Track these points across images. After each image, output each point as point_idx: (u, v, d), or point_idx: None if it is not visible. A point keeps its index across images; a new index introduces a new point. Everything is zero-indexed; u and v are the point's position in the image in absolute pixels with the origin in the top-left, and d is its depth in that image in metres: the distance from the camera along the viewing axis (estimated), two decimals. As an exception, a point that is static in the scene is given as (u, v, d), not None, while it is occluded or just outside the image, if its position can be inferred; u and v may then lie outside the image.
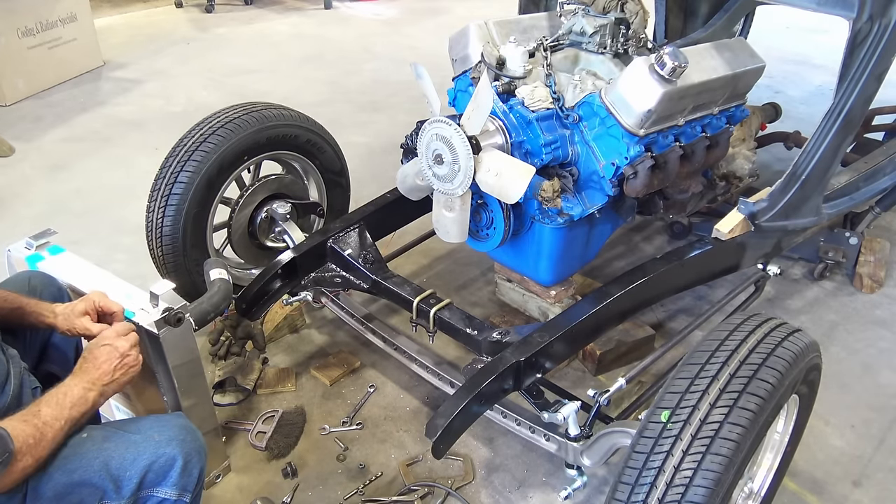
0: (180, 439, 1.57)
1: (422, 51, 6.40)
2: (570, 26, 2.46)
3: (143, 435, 1.56)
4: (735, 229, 2.44)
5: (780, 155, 3.85)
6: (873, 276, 3.17)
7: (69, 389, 1.49)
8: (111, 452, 1.51)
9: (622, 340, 2.64)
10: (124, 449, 1.52)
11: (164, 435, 1.56)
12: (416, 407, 2.53)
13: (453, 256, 3.37)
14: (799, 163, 2.38)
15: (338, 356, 2.72)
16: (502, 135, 2.18)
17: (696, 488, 1.41)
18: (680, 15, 3.82)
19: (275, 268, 2.40)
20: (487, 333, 2.15)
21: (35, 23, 5.12)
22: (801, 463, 2.28)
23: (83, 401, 1.49)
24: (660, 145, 2.22)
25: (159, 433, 1.56)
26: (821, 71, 5.92)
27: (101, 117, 4.90)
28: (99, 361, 1.56)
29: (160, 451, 1.53)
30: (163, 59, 6.12)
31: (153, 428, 1.59)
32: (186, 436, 1.58)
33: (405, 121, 4.76)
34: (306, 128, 2.77)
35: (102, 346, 1.59)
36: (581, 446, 1.91)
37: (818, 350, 1.77)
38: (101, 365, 1.55)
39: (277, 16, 7.55)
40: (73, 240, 3.28)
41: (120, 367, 1.58)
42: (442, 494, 2.18)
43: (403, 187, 2.47)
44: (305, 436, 2.39)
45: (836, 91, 2.26)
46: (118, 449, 1.51)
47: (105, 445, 1.52)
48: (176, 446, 1.55)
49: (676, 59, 2.02)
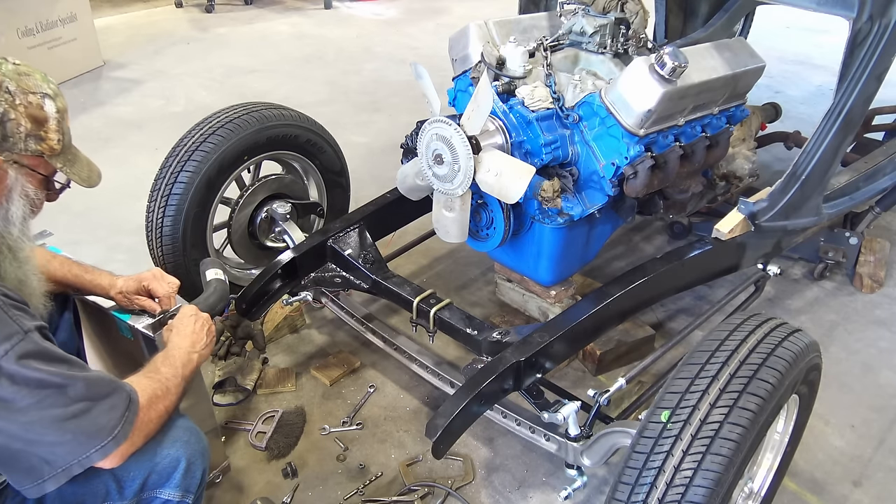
0: (184, 441, 1.57)
1: (422, 51, 6.40)
2: (570, 26, 2.46)
3: None
4: (735, 229, 2.44)
5: (780, 155, 3.85)
6: (873, 276, 3.17)
7: (175, 352, 1.65)
8: None
9: (622, 340, 2.64)
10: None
11: (167, 436, 1.56)
12: (416, 407, 2.53)
13: (453, 256, 3.37)
14: (799, 163, 2.38)
15: (338, 356, 2.72)
16: (502, 135, 2.18)
17: (697, 488, 1.41)
18: (680, 15, 3.82)
19: (275, 268, 2.40)
20: (487, 333, 2.15)
21: (35, 23, 5.12)
22: (801, 463, 2.28)
23: (189, 362, 1.65)
24: (660, 145, 2.22)
25: (163, 434, 1.56)
26: (821, 71, 5.92)
27: (101, 117, 4.89)
28: (188, 331, 1.73)
29: (164, 453, 1.53)
30: (163, 59, 6.12)
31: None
32: (190, 437, 1.58)
33: (405, 121, 4.76)
34: (306, 128, 2.77)
35: (188, 318, 1.76)
36: (581, 446, 1.91)
37: (818, 350, 1.77)
38: (190, 334, 1.72)
39: (277, 16, 7.55)
40: (73, 240, 3.28)
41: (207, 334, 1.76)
42: (442, 494, 2.18)
43: (403, 187, 2.47)
44: (305, 436, 2.39)
45: (836, 91, 2.26)
46: None
47: None
48: (179, 448, 1.55)
49: (676, 58, 2.02)
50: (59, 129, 1.47)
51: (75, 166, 1.55)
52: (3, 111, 1.37)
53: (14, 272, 1.48)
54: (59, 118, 1.47)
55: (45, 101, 1.44)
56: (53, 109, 1.46)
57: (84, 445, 1.34)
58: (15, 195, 1.45)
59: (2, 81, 1.38)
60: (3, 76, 1.39)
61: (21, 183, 1.45)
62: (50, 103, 1.45)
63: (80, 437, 1.34)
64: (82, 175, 1.57)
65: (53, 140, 1.46)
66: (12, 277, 1.46)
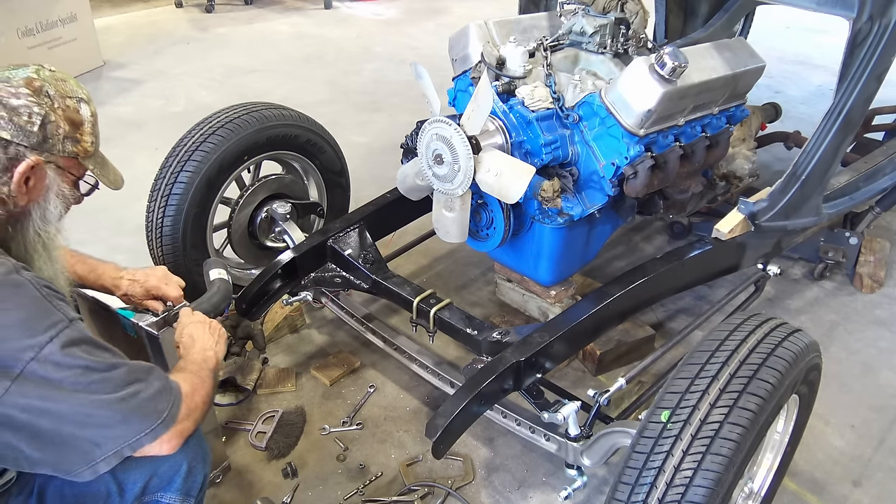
0: (185, 444, 1.56)
1: (422, 51, 6.40)
2: (570, 26, 2.46)
3: None
4: (735, 229, 2.44)
5: (780, 155, 3.85)
6: (873, 276, 3.17)
7: (195, 353, 1.70)
8: None
9: (622, 340, 2.64)
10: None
11: None
12: (416, 407, 2.53)
13: (453, 256, 3.37)
14: (799, 163, 2.38)
15: (338, 356, 2.72)
16: (502, 135, 2.18)
17: (697, 488, 1.41)
18: (680, 15, 3.82)
19: (275, 268, 2.40)
20: (487, 333, 2.15)
21: (35, 23, 5.12)
22: (801, 463, 2.28)
23: (213, 357, 1.71)
24: (660, 145, 2.22)
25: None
26: (821, 71, 5.92)
27: (101, 117, 4.76)
28: (199, 333, 1.77)
29: (165, 457, 1.53)
30: (163, 59, 6.12)
31: None
32: (191, 441, 1.58)
33: (405, 121, 4.76)
34: (306, 128, 2.77)
35: (195, 324, 1.80)
36: (581, 446, 1.91)
37: (818, 350, 1.77)
38: (201, 336, 1.76)
39: (277, 16, 7.55)
40: (74, 239, 3.26)
41: (218, 333, 1.81)
42: (442, 494, 2.18)
43: (403, 187, 2.47)
44: (305, 436, 2.39)
45: (836, 91, 2.26)
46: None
47: None
48: (181, 451, 1.55)
49: (676, 58, 2.02)
50: (92, 132, 1.55)
51: (104, 168, 1.62)
52: (45, 114, 1.42)
53: (47, 270, 1.52)
54: (92, 121, 1.54)
55: (80, 105, 1.51)
56: (88, 113, 1.53)
57: (133, 428, 1.36)
58: (51, 195, 1.50)
59: (42, 86, 1.44)
60: (44, 81, 1.45)
61: (57, 183, 1.50)
62: (85, 107, 1.52)
63: (130, 419, 1.36)
64: (110, 177, 1.64)
65: (88, 142, 1.53)
66: (45, 275, 1.49)
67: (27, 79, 1.43)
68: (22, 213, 1.46)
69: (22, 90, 1.41)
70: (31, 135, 1.41)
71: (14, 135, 1.39)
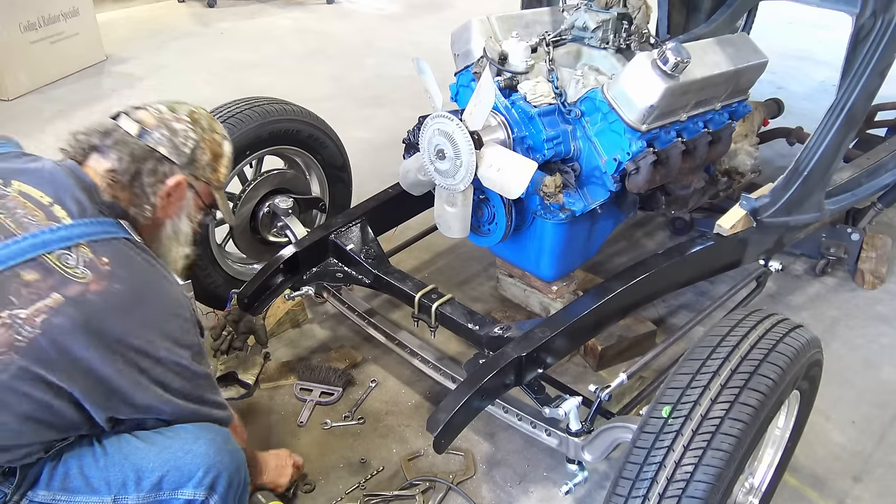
0: (208, 439, 1.56)
1: (424, 46, 6.38)
2: (573, 21, 2.46)
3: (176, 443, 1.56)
4: (737, 225, 2.44)
5: (783, 151, 3.84)
6: (875, 273, 3.17)
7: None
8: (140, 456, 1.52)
9: (623, 336, 2.65)
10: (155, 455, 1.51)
11: (193, 434, 1.56)
12: (418, 402, 2.53)
13: (455, 252, 3.37)
14: (801, 159, 2.38)
15: (339, 351, 2.73)
16: (504, 130, 2.18)
17: (697, 483, 1.42)
18: (682, 10, 3.81)
19: (277, 263, 2.41)
20: (489, 329, 2.15)
21: (37, 17, 5.11)
22: (802, 458, 2.28)
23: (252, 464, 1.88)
24: (662, 141, 2.22)
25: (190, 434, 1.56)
26: (823, 67, 5.91)
27: (104, 112, 4.87)
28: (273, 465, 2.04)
29: (186, 448, 1.52)
30: (165, 53, 6.11)
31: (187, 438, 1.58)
32: (216, 436, 1.57)
33: (407, 116, 4.73)
34: (308, 123, 2.77)
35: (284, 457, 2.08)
36: (582, 441, 1.91)
37: (819, 346, 1.77)
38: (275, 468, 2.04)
39: (280, 10, 7.54)
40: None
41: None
42: (443, 489, 2.18)
43: (405, 182, 2.47)
44: (307, 431, 2.40)
45: (839, 87, 2.26)
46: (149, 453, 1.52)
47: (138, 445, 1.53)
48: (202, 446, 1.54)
49: (679, 54, 2.02)
50: (228, 167, 1.77)
51: (225, 204, 1.82)
52: (198, 138, 1.67)
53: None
54: (230, 158, 1.78)
55: (224, 141, 1.76)
56: (228, 150, 1.77)
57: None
58: (184, 214, 1.70)
59: (199, 118, 1.71)
60: (200, 115, 1.72)
61: (190, 204, 1.70)
62: (227, 144, 1.77)
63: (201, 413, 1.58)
64: (228, 212, 1.84)
65: (222, 174, 1.75)
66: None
67: (190, 111, 1.70)
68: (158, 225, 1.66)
69: (184, 118, 1.66)
70: (183, 155, 1.63)
71: (170, 152, 1.62)
